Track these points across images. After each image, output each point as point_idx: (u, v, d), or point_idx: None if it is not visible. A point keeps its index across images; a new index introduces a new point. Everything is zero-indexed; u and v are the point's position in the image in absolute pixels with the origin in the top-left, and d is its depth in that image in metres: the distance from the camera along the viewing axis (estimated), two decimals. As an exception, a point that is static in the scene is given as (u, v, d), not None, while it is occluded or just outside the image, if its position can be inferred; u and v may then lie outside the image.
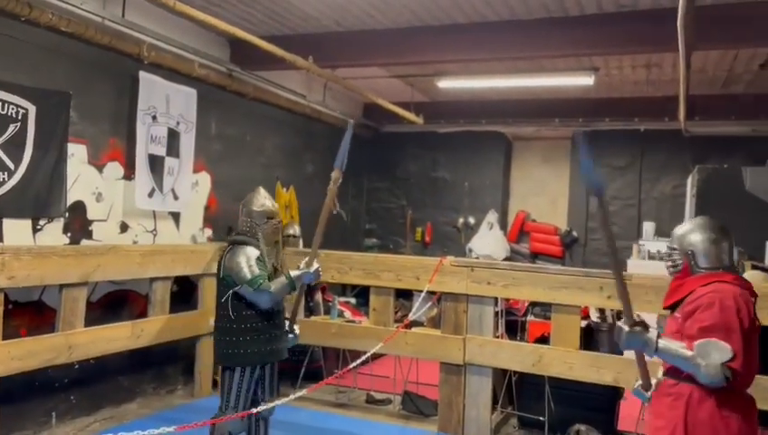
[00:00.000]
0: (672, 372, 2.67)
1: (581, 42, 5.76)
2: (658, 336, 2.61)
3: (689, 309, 2.59)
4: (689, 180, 7.82)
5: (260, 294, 3.57)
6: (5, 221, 4.46)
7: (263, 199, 3.88)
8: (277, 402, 3.74)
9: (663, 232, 8.41)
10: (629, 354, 5.32)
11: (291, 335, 3.92)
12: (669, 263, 2.80)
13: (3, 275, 4.00)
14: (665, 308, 2.80)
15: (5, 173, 4.43)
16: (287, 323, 3.92)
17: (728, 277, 2.62)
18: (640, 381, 2.90)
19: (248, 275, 3.57)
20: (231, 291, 3.64)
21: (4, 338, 4.09)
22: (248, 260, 3.62)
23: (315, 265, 3.76)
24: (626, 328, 2.63)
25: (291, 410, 4.68)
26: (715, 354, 2.43)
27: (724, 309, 2.49)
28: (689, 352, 2.49)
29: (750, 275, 5.21)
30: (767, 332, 4.08)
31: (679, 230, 2.82)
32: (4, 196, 4.42)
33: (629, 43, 5.68)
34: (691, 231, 2.76)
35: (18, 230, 4.55)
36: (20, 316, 4.53)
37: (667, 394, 2.67)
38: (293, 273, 3.69)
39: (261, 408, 3.61)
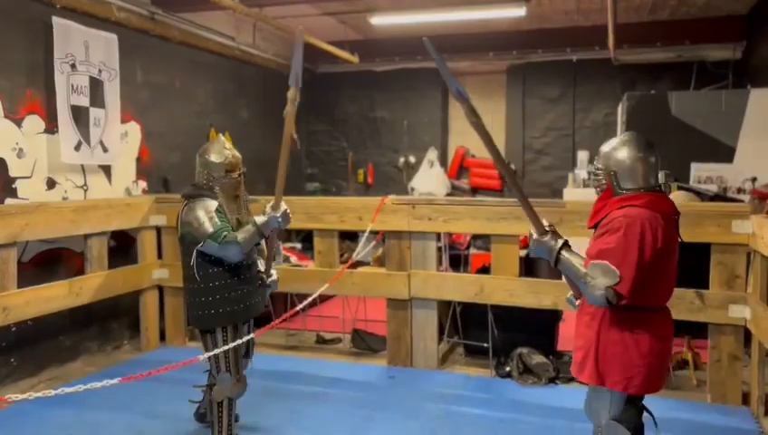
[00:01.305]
0: None
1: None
2: (564, 247, 2.65)
3: (600, 232, 2.61)
4: (619, 108, 8.03)
5: (226, 247, 3.30)
6: None
7: (221, 149, 3.52)
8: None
9: (597, 160, 8.67)
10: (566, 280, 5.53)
11: (271, 280, 3.73)
12: (595, 182, 2.77)
13: None
14: (589, 228, 2.81)
15: None
16: (263, 271, 3.72)
17: (643, 200, 2.57)
18: (572, 292, 2.99)
19: (210, 229, 3.31)
20: (195, 249, 3.37)
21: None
22: (207, 213, 3.35)
23: (282, 207, 3.41)
24: (534, 235, 2.71)
25: (241, 355, 4.71)
26: (602, 277, 2.47)
27: (629, 235, 2.49)
28: (583, 270, 2.54)
29: (675, 195, 5.47)
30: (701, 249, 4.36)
31: (605, 147, 2.74)
32: None
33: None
34: (616, 148, 2.68)
35: (-66, 192, 4.30)
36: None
37: (586, 313, 2.73)
38: (259, 219, 3.39)
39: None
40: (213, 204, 3.42)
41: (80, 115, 5.35)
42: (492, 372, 5.13)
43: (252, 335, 3.72)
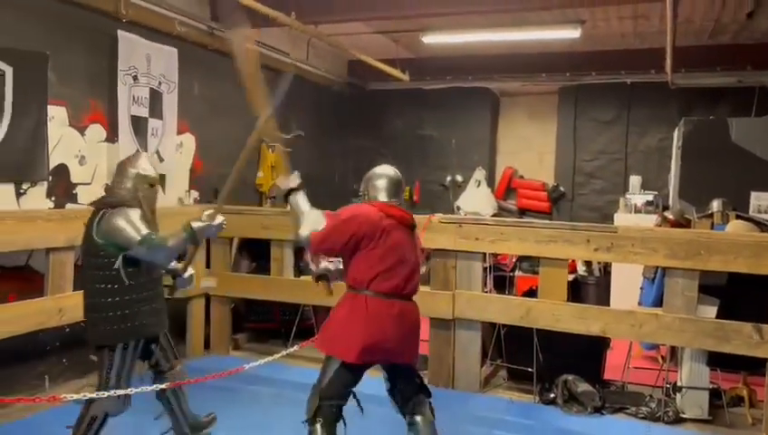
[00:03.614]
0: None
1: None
2: (297, 190, 3.33)
3: None
4: (676, 133, 7.83)
5: (156, 250, 3.24)
6: (-14, 186, 4.41)
7: (145, 163, 3.55)
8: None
9: (649, 185, 8.47)
10: (616, 306, 5.40)
11: (186, 276, 3.70)
12: (358, 199, 3.53)
13: (-13, 240, 3.97)
14: None
15: (-16, 137, 4.35)
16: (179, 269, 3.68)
17: (378, 204, 3.36)
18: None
19: (137, 235, 3.21)
20: (120, 257, 3.26)
21: (-7, 303, 4.10)
22: (131, 221, 3.25)
23: (219, 219, 3.42)
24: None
25: (282, 367, 4.74)
26: (312, 223, 3.20)
27: (346, 210, 3.32)
28: (303, 211, 3.27)
29: (733, 225, 5.28)
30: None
31: (366, 176, 3.55)
32: (-17, 160, 4.36)
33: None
34: (372, 176, 3.51)
35: (1, 195, 4.49)
36: (8, 281, 4.51)
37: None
38: (196, 224, 3.33)
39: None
40: (136, 212, 3.34)
41: (139, 125, 5.53)
42: (536, 398, 5.02)
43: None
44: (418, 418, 3.40)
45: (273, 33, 7.33)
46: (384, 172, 3.53)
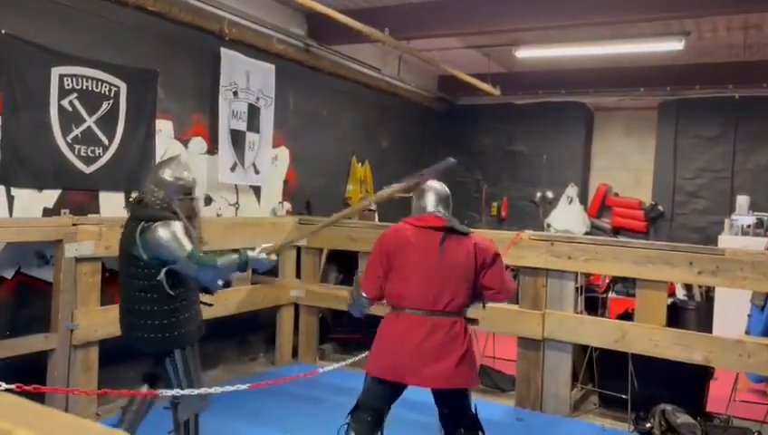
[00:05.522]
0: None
1: (670, 3, 5.43)
2: None
3: None
4: (789, 150, 7.30)
5: (205, 269, 3.16)
6: (101, 194, 4.73)
7: (181, 170, 3.38)
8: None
9: (759, 206, 7.91)
10: (719, 333, 5.08)
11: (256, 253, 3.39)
12: None
13: (100, 245, 4.26)
14: None
15: (100, 148, 4.68)
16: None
17: (412, 219, 3.31)
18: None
19: (184, 252, 3.12)
20: (164, 271, 3.17)
21: (102, 305, 4.36)
22: (177, 237, 3.15)
23: (275, 257, 3.59)
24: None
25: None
26: (357, 288, 3.31)
27: (372, 252, 3.29)
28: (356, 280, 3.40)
29: None
30: None
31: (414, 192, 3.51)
32: (99, 170, 4.67)
33: (725, 2, 5.31)
34: (420, 192, 3.42)
35: (113, 202, 4.81)
36: (115, 284, 4.78)
37: None
38: (251, 253, 3.32)
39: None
40: (180, 226, 3.22)
41: (237, 139, 5.77)
42: (630, 427, 4.77)
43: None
44: None
45: (365, 49, 7.47)
46: (431, 187, 3.43)
